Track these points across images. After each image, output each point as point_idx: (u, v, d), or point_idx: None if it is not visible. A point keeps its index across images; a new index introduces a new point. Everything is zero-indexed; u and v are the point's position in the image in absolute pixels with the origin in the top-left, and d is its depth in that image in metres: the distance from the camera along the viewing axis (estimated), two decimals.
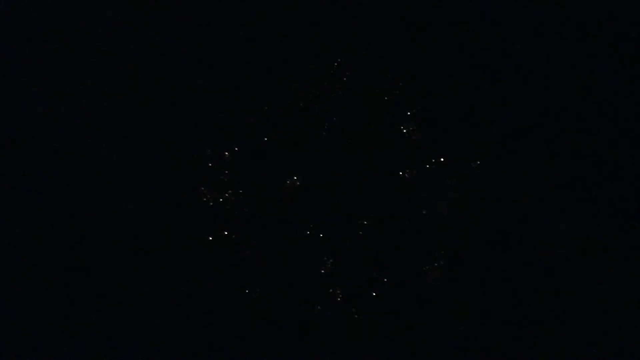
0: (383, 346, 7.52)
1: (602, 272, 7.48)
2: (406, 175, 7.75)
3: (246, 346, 7.59)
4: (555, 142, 7.75)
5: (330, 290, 7.63)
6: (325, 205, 7.74)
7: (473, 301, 7.55)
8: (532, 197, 7.68)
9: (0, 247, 7.81)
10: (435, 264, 7.60)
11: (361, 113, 7.86)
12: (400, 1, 8.00)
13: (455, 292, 7.58)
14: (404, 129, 7.84)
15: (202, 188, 7.79)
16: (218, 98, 7.94)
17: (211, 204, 7.79)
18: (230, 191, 7.82)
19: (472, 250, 7.62)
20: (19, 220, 7.84)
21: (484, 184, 7.72)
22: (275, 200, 7.77)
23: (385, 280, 7.63)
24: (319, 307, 7.56)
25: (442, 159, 7.77)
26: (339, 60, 7.94)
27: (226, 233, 7.78)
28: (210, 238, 7.76)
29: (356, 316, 7.58)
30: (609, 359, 7.37)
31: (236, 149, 7.86)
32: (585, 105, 7.78)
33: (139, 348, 7.63)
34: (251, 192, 7.79)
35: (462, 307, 7.55)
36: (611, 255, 7.51)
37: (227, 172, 7.85)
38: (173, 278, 7.69)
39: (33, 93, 8.01)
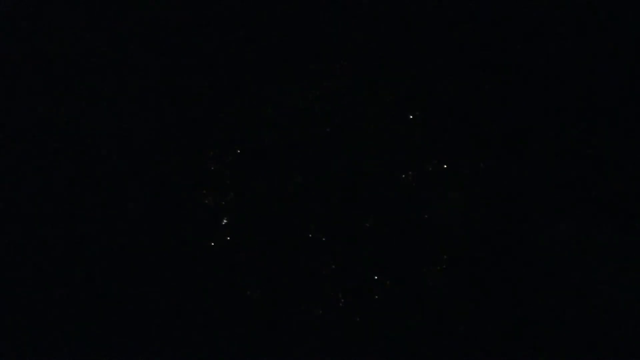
0: (384, 348, 7.53)
1: (602, 272, 7.49)
2: (409, 177, 7.76)
3: (246, 347, 7.60)
4: (556, 142, 7.75)
5: (332, 293, 7.64)
6: (326, 207, 7.74)
7: (474, 302, 7.56)
8: (532, 197, 7.69)
9: (0, 247, 7.81)
10: (438, 267, 7.61)
11: (362, 114, 7.86)
12: (400, 1, 7.99)
13: (456, 294, 7.59)
14: (405, 130, 7.84)
15: (204, 191, 7.81)
16: (218, 99, 7.93)
17: (212, 205, 7.80)
18: (231, 193, 7.83)
19: (473, 251, 7.63)
20: (18, 220, 7.83)
21: (484, 185, 7.73)
22: (276, 202, 7.77)
23: (387, 282, 7.64)
24: (320, 311, 7.56)
25: (443, 161, 7.78)
26: (340, 60, 7.93)
27: (227, 234, 7.78)
28: (211, 239, 7.77)
29: (358, 319, 7.59)
30: (609, 359, 7.37)
31: (238, 151, 7.86)
32: (585, 105, 7.78)
33: (139, 348, 7.63)
34: (252, 193, 7.80)
35: (463, 308, 7.56)
36: (611, 255, 7.52)
37: (228, 173, 7.85)
38: (173, 279, 7.69)
39: (33, 93, 8.00)
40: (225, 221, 7.79)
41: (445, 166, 7.78)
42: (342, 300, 7.63)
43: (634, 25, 7.86)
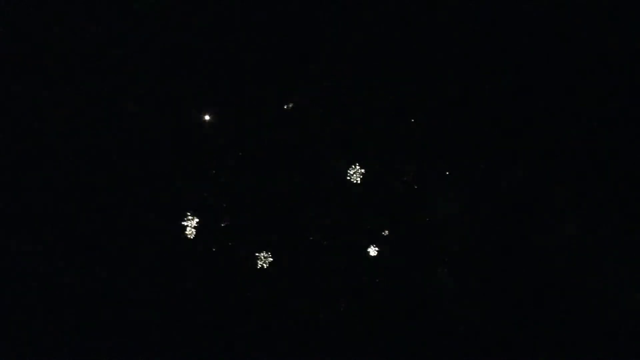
0: (384, 348, 7.54)
1: (603, 273, 7.51)
2: (409, 178, 7.76)
3: (246, 347, 7.61)
4: (556, 142, 7.76)
5: (332, 294, 7.65)
6: (326, 208, 7.75)
7: (475, 302, 7.57)
8: (533, 198, 7.69)
9: (0, 248, 7.81)
10: (438, 269, 7.61)
11: (362, 114, 7.87)
12: (400, 1, 8.00)
13: (457, 294, 7.60)
14: (405, 131, 7.84)
15: (204, 193, 7.82)
16: (218, 100, 7.94)
17: (212, 206, 7.81)
18: (231, 194, 7.84)
19: (473, 252, 7.63)
20: (18, 221, 7.83)
21: (484, 185, 7.73)
22: (276, 203, 7.78)
23: (389, 283, 7.65)
24: (320, 314, 7.58)
25: (443, 161, 7.78)
26: (340, 60, 7.94)
27: (227, 235, 7.79)
28: (211, 240, 7.78)
29: (358, 320, 7.60)
30: (609, 359, 7.38)
31: (240, 153, 7.87)
32: (585, 105, 7.79)
33: (139, 348, 7.64)
34: (252, 194, 7.81)
35: (463, 308, 7.57)
36: (613, 255, 7.53)
37: (228, 174, 7.86)
38: (174, 279, 7.70)
39: (33, 93, 7.99)
40: (225, 222, 7.81)
41: (445, 167, 7.78)
42: (343, 302, 7.64)
43: (635, 26, 7.86)
